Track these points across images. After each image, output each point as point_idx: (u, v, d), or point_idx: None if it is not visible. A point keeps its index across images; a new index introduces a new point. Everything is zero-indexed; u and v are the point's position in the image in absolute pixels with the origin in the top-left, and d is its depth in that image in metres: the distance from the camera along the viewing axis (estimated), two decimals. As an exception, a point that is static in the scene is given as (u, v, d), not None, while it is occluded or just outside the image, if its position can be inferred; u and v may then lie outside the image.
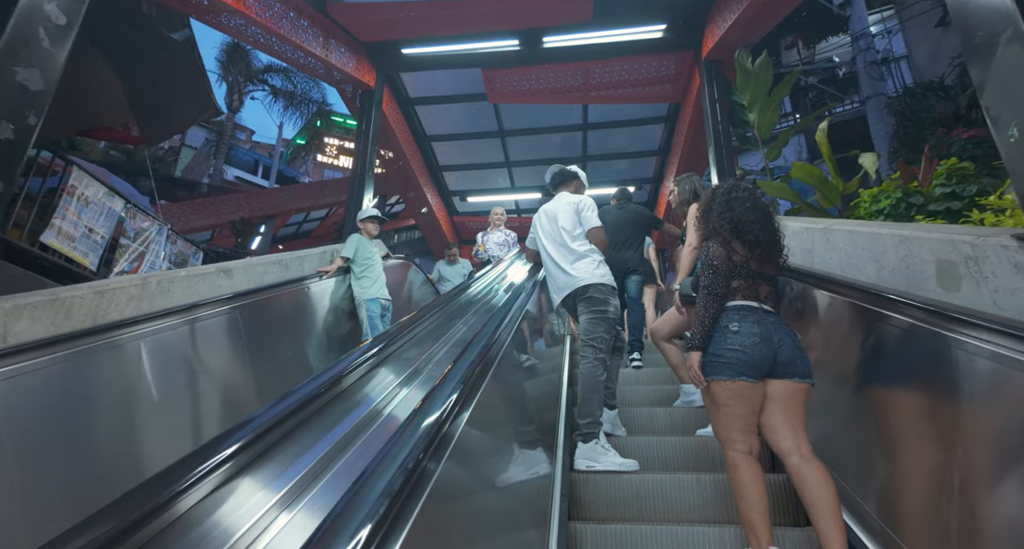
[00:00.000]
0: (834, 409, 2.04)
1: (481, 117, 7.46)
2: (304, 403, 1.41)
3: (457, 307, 3.39)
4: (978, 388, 1.28)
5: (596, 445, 2.50)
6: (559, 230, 2.99)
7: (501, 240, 5.69)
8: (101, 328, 2.09)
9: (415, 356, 2.30)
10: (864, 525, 1.75)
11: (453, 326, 2.95)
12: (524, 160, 8.49)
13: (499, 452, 1.58)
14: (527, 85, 6.63)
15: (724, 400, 1.83)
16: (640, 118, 7.60)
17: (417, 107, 7.28)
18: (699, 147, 7.35)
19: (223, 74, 23.62)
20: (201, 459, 1.02)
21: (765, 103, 5.30)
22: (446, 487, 1.00)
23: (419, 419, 1.08)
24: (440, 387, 1.27)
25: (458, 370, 1.39)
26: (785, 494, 2.13)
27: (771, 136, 5.55)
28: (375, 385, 1.88)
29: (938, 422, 1.41)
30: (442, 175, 8.78)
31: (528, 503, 1.71)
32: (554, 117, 7.56)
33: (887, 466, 1.66)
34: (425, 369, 2.16)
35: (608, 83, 6.66)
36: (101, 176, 5.14)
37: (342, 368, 1.71)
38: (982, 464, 1.25)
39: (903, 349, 1.61)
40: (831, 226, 2.57)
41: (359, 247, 4.39)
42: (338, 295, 4.30)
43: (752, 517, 1.71)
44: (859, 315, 1.90)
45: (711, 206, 2.10)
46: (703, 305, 1.90)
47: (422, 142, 7.95)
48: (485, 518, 1.29)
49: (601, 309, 2.77)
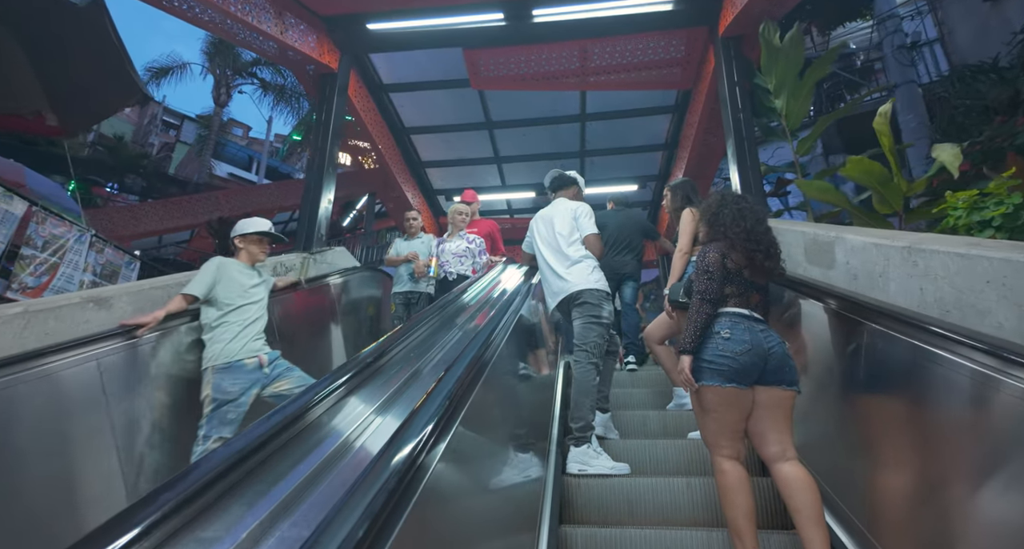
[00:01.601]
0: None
1: (466, 107, 6.61)
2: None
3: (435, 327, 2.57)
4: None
5: (588, 449, 2.53)
6: (556, 235, 3.02)
7: (461, 250, 4.24)
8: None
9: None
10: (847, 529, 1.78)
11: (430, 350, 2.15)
12: (515, 155, 7.64)
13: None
14: (516, 69, 5.77)
15: (714, 406, 1.86)
16: (645, 108, 6.74)
17: (392, 95, 6.42)
18: (711, 141, 6.48)
19: (210, 67, 22.82)
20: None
21: (796, 87, 4.44)
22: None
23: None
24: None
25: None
26: (771, 499, 2.15)
27: (801, 127, 4.70)
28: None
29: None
30: (424, 172, 7.94)
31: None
32: (548, 107, 6.70)
33: None
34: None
35: (608, 66, 5.80)
36: (9, 172, 4.32)
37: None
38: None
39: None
40: (920, 244, 1.75)
41: (221, 279, 2.74)
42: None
43: (738, 521, 1.75)
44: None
45: (719, 212, 2.11)
46: (696, 309, 1.92)
47: (400, 135, 7.10)
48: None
49: (595, 315, 2.79)
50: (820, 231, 2.51)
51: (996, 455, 1.23)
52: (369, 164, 7.33)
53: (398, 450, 0.98)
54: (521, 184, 8.32)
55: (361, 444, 1.20)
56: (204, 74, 21.25)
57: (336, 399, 1.37)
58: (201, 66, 22.15)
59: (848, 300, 1.95)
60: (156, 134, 33.38)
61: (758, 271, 1.99)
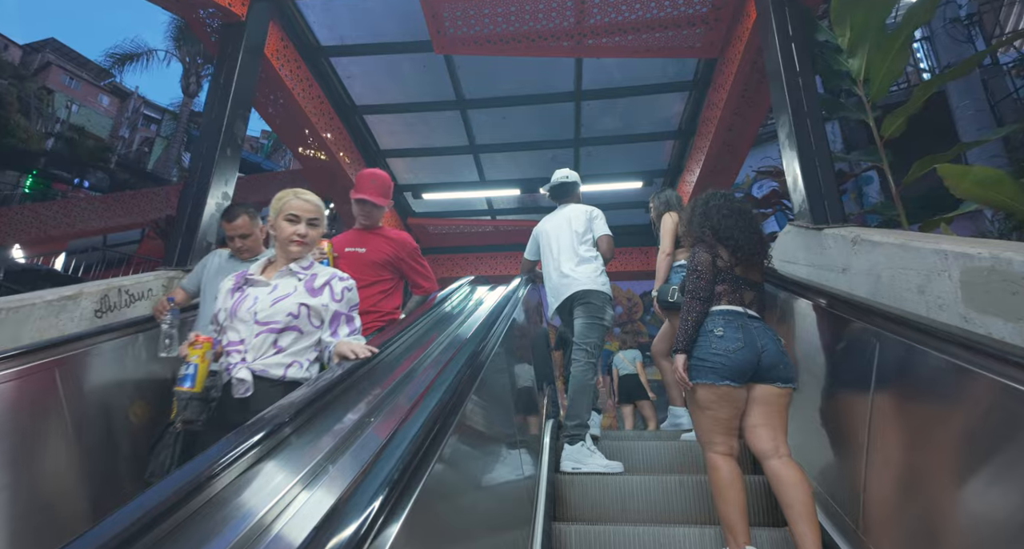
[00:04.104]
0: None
1: (432, 80, 5.23)
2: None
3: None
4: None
5: (582, 447, 2.61)
6: (572, 233, 3.11)
7: (281, 313, 1.65)
8: None
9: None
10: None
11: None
12: (495, 144, 6.26)
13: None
14: (492, 25, 4.40)
15: (708, 403, 1.90)
16: (655, 84, 5.38)
17: (335, 61, 5.03)
18: (739, 126, 5.13)
19: (179, 55, 21.28)
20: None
21: (882, 41, 3.12)
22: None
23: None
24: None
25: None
26: (764, 495, 2.20)
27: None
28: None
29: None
30: (385, 163, 6.54)
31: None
32: (534, 82, 5.33)
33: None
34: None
35: (611, 25, 4.44)
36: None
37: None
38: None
39: None
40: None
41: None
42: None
43: (731, 516, 1.79)
44: None
45: (691, 217, 2.21)
46: (687, 308, 1.97)
47: (351, 116, 5.70)
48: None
49: (598, 316, 2.90)
50: (1013, 254, 1.36)
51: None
52: (319, 156, 5.92)
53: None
54: (503, 180, 6.94)
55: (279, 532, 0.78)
56: (167, 59, 19.71)
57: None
58: (166, 52, 20.61)
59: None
60: (137, 129, 31.76)
61: (748, 267, 2.06)
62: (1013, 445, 1.18)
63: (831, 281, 2.53)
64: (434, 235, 7.98)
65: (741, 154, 5.58)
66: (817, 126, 3.26)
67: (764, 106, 4.87)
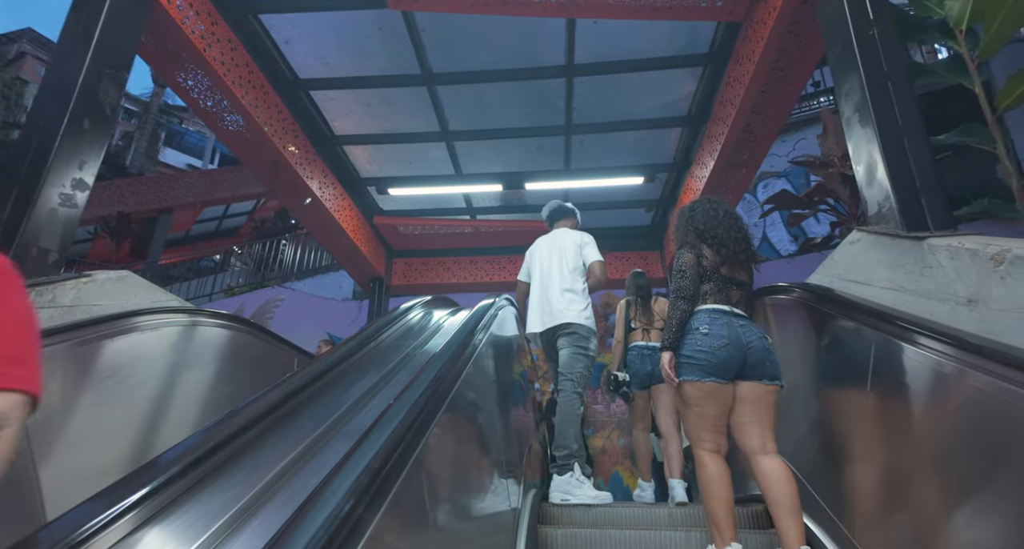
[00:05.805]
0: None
1: (389, 46, 4.24)
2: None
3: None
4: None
5: (571, 477, 2.67)
6: (562, 261, 3.18)
7: None
8: None
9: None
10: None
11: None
12: (471, 129, 5.27)
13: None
14: (458, -29, 3.42)
15: (695, 400, 1.92)
16: (661, 57, 4.43)
17: (266, 19, 4.02)
18: (765, 108, 4.20)
19: (149, 41, 20.00)
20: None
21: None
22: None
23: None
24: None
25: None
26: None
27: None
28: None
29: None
30: (343, 151, 5.53)
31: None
32: (517, 50, 4.37)
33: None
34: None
35: (613, -27, 3.49)
36: None
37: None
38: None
39: None
40: None
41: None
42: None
43: (717, 513, 1.79)
44: None
45: (677, 225, 2.24)
46: (672, 307, 1.99)
47: (292, 92, 4.69)
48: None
49: (582, 346, 3.00)
50: None
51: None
52: (255, 143, 4.88)
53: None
54: (483, 174, 5.96)
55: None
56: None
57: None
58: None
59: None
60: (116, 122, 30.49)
61: (735, 266, 2.07)
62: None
63: (943, 317, 1.71)
64: (405, 236, 6.99)
65: (765, 143, 4.65)
66: (904, 93, 2.33)
67: (800, 80, 3.94)
